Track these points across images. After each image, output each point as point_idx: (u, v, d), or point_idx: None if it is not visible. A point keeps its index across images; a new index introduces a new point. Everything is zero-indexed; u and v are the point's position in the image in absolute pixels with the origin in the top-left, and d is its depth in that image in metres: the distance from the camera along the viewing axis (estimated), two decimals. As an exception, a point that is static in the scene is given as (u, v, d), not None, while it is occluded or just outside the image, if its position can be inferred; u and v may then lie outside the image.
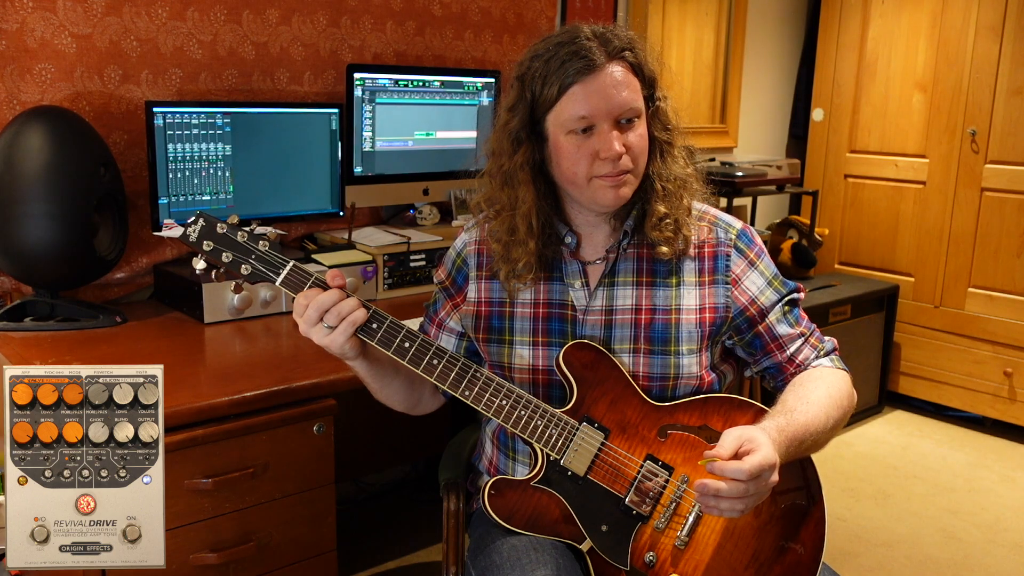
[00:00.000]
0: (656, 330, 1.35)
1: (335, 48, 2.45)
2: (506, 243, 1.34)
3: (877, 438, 3.45)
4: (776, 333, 1.39)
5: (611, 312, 1.36)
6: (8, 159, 1.77)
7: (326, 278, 1.26)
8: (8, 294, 1.99)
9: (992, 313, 3.42)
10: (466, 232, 1.47)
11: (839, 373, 1.39)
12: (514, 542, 1.32)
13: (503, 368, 1.39)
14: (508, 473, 1.43)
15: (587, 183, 1.29)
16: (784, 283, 1.41)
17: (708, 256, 1.38)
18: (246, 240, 1.28)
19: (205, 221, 1.28)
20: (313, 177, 2.32)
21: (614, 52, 1.27)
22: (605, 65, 1.26)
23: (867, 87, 3.71)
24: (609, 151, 1.26)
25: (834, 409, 1.31)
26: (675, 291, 1.36)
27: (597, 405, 1.32)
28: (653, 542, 1.29)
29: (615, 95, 1.26)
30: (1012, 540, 2.70)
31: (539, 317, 1.38)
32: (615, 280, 1.37)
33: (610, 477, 1.30)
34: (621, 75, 1.27)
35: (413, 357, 1.29)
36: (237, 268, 1.28)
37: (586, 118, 1.26)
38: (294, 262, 1.28)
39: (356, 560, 2.42)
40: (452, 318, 1.46)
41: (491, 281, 1.41)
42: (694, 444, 1.32)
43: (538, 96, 1.29)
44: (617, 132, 1.27)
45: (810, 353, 1.41)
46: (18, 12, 1.92)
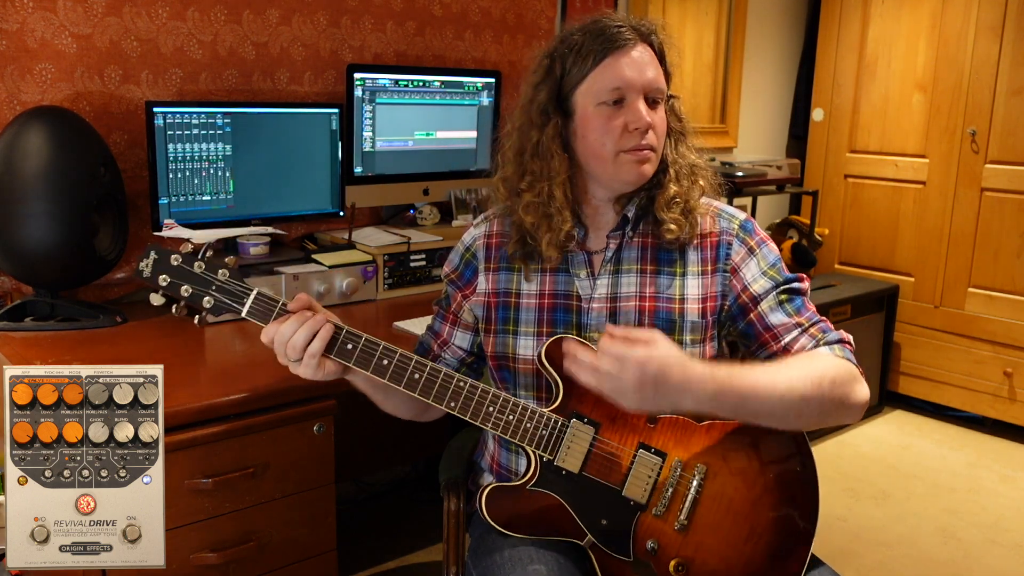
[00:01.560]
0: (660, 318, 1.36)
1: (335, 48, 2.45)
2: (544, 214, 1.34)
3: (877, 438, 3.45)
4: (768, 322, 1.35)
5: (615, 300, 1.37)
6: (8, 159, 1.77)
7: (291, 305, 1.25)
8: (8, 294, 1.99)
9: (992, 313, 3.42)
10: (475, 227, 1.47)
11: (834, 359, 1.29)
12: (515, 541, 1.32)
13: (507, 359, 1.39)
14: (511, 466, 1.44)
15: (613, 157, 1.31)
16: (781, 272, 1.37)
17: (711, 246, 1.38)
18: (204, 271, 1.26)
19: (157, 254, 1.26)
20: (313, 177, 2.32)
21: (644, 34, 1.33)
22: (637, 42, 1.32)
23: (867, 87, 3.71)
24: (639, 121, 1.29)
25: (804, 383, 1.21)
26: (679, 280, 1.37)
27: (584, 399, 1.31)
28: (654, 529, 1.30)
29: (647, 71, 1.31)
30: (1012, 540, 2.70)
31: (544, 308, 1.38)
32: (619, 268, 1.38)
33: (605, 470, 1.31)
34: (650, 56, 1.33)
35: (393, 374, 1.28)
36: (199, 301, 1.26)
37: (619, 89, 1.30)
38: (257, 290, 1.26)
39: (356, 560, 2.42)
40: (464, 310, 1.45)
41: (499, 273, 1.41)
42: (684, 426, 1.32)
43: (569, 69, 1.32)
44: (647, 107, 1.31)
45: (807, 342, 1.33)
46: (18, 12, 1.92)
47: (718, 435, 1.32)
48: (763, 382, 1.20)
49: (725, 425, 1.32)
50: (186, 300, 1.26)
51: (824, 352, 1.31)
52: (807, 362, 1.27)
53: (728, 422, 1.31)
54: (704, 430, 1.32)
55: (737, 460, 1.31)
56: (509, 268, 1.41)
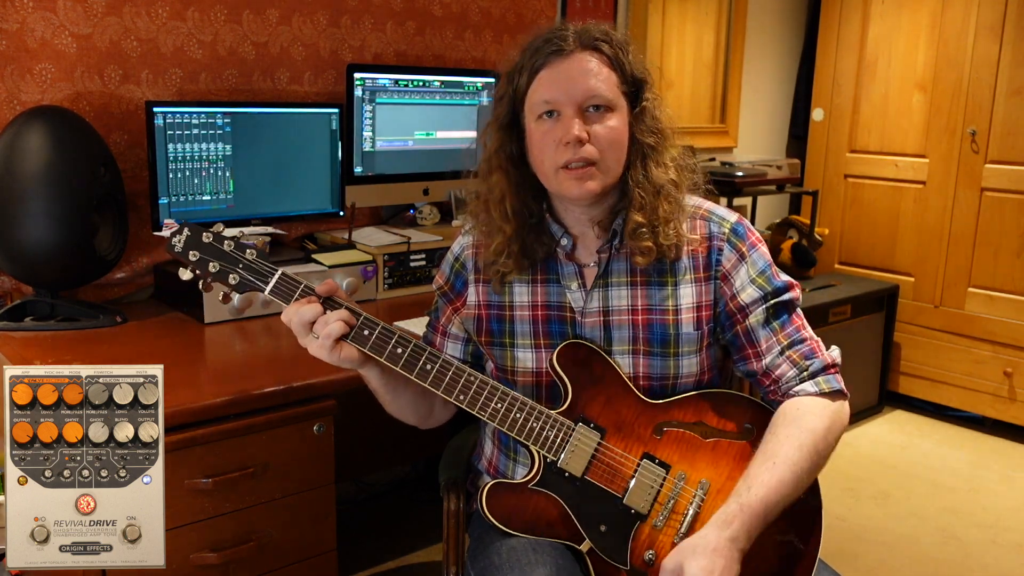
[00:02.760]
0: (654, 331, 1.33)
1: (335, 48, 2.45)
2: (486, 232, 1.36)
3: (877, 438, 3.45)
4: (754, 337, 1.33)
5: (608, 313, 1.35)
6: (8, 159, 1.77)
7: (316, 287, 1.26)
8: (8, 294, 1.99)
9: (992, 313, 3.42)
10: (463, 236, 1.46)
11: (819, 407, 1.28)
12: (513, 543, 1.32)
13: (507, 371, 1.39)
14: (508, 473, 1.43)
15: (554, 174, 1.28)
16: (770, 280, 1.33)
17: (702, 252, 1.34)
18: (232, 249, 1.27)
19: (190, 231, 1.27)
20: (313, 177, 2.32)
21: (588, 42, 1.28)
22: (575, 52, 1.27)
23: (867, 87, 3.71)
24: (567, 135, 1.24)
25: (803, 456, 1.23)
26: (671, 291, 1.34)
27: (592, 405, 1.32)
28: (652, 540, 1.29)
29: (581, 82, 1.26)
30: (1012, 540, 2.70)
31: (539, 320, 1.37)
32: (608, 281, 1.35)
33: (607, 477, 1.30)
34: (592, 64, 1.27)
35: (406, 362, 1.28)
36: (224, 278, 1.27)
37: (549, 102, 1.27)
38: (282, 271, 1.27)
39: (356, 560, 2.42)
40: (454, 324, 1.45)
41: (488, 284, 1.40)
42: (690, 441, 1.32)
43: (516, 86, 1.31)
44: (580, 120, 1.25)
45: (789, 371, 1.31)
46: (18, 12, 1.92)
47: (724, 453, 1.32)
48: (772, 486, 1.21)
49: (731, 444, 1.32)
50: (213, 276, 1.27)
51: (810, 397, 1.30)
52: (797, 430, 1.26)
53: (734, 442, 1.32)
54: (710, 447, 1.32)
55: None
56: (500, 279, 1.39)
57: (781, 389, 1.32)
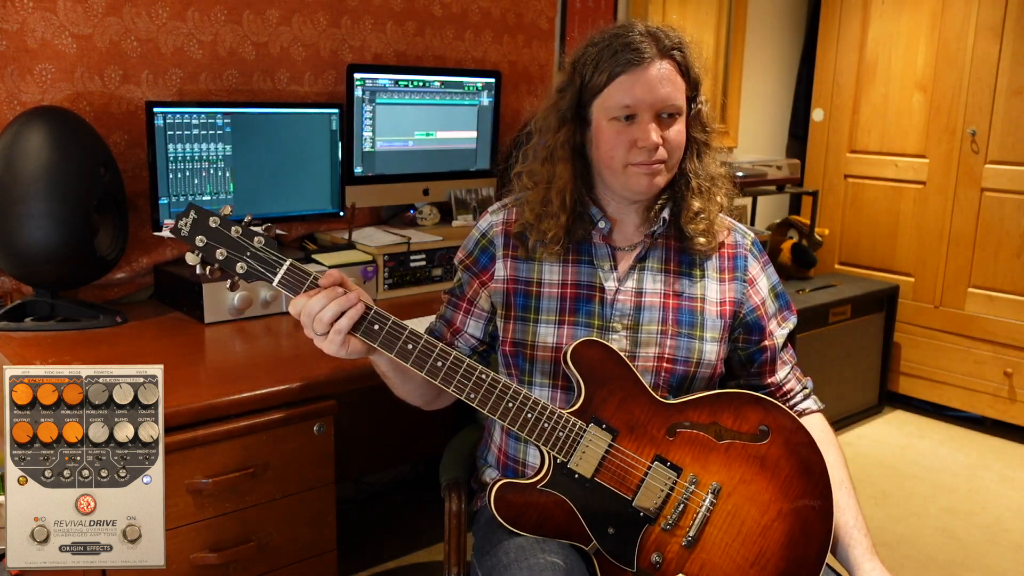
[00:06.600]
0: (683, 314, 1.40)
1: (335, 48, 2.45)
2: (539, 214, 1.39)
3: (877, 438, 3.45)
4: (777, 355, 1.47)
5: (640, 295, 1.39)
6: (8, 159, 1.77)
7: (322, 280, 1.25)
8: (8, 294, 1.99)
9: (992, 313, 3.42)
10: (492, 214, 1.47)
11: (827, 423, 1.49)
12: (521, 541, 1.32)
13: (525, 346, 1.39)
14: (519, 457, 1.43)
15: (622, 169, 1.34)
16: (781, 295, 1.50)
17: (728, 256, 1.45)
18: (240, 236, 1.24)
19: (197, 214, 1.24)
20: (313, 177, 2.32)
21: (664, 50, 1.34)
22: (654, 60, 1.33)
23: (867, 87, 3.71)
24: (646, 141, 1.31)
25: (847, 472, 1.43)
26: (700, 282, 1.42)
27: (606, 405, 1.32)
28: (660, 543, 1.29)
29: (659, 89, 1.32)
30: (1012, 540, 2.70)
31: (567, 297, 1.39)
32: (644, 265, 1.41)
33: (617, 479, 1.30)
34: (668, 72, 1.34)
35: (417, 359, 1.28)
36: (232, 267, 1.25)
37: (629, 107, 1.32)
38: (291, 261, 1.25)
39: (356, 560, 2.42)
40: (481, 297, 1.45)
41: (518, 260, 1.42)
42: (703, 443, 1.32)
43: (587, 81, 1.35)
44: (656, 124, 1.33)
45: (795, 387, 1.49)
46: (18, 12, 1.92)
47: (738, 455, 1.32)
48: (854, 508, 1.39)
49: (745, 447, 1.33)
50: (220, 264, 1.25)
51: (821, 424, 1.48)
52: (835, 450, 1.44)
53: (749, 444, 1.33)
54: (723, 449, 1.32)
55: (754, 484, 1.31)
56: (529, 257, 1.42)
57: (787, 402, 1.46)
